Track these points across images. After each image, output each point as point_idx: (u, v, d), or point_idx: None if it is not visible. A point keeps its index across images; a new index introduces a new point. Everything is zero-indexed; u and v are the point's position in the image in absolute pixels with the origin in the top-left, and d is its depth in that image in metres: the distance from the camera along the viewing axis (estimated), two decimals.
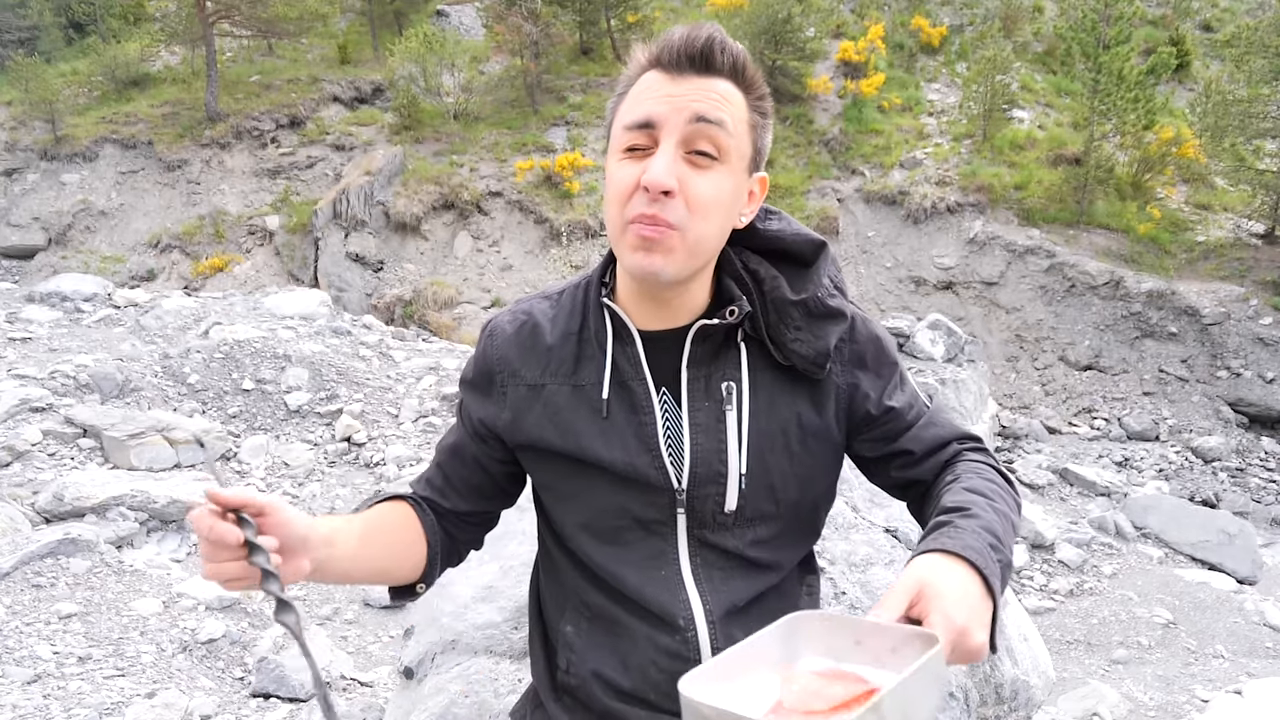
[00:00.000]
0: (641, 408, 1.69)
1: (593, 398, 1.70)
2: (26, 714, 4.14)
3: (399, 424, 10.77)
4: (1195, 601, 9.04)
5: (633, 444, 1.68)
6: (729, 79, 1.55)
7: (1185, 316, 20.39)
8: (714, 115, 1.50)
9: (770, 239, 1.76)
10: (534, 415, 1.75)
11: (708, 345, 1.70)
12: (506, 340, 1.80)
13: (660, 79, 1.54)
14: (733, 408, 1.68)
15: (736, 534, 1.72)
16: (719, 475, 1.67)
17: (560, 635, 1.85)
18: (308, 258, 23.82)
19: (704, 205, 1.52)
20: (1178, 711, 6.42)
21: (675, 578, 1.70)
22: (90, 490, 8.06)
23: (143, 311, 14.06)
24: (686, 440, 1.68)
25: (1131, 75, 22.73)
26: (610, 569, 1.74)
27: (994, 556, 1.40)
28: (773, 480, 1.71)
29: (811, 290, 1.71)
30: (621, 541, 1.73)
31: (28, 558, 5.89)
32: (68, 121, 26.55)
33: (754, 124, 1.60)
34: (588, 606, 1.79)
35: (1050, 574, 9.50)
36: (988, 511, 1.51)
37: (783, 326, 1.70)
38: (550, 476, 1.80)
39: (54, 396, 9.92)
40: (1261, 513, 15.31)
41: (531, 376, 1.76)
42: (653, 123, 1.52)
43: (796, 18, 26.13)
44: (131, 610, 5.59)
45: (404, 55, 26.73)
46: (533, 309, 1.83)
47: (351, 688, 5.27)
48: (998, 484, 1.66)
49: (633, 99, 1.57)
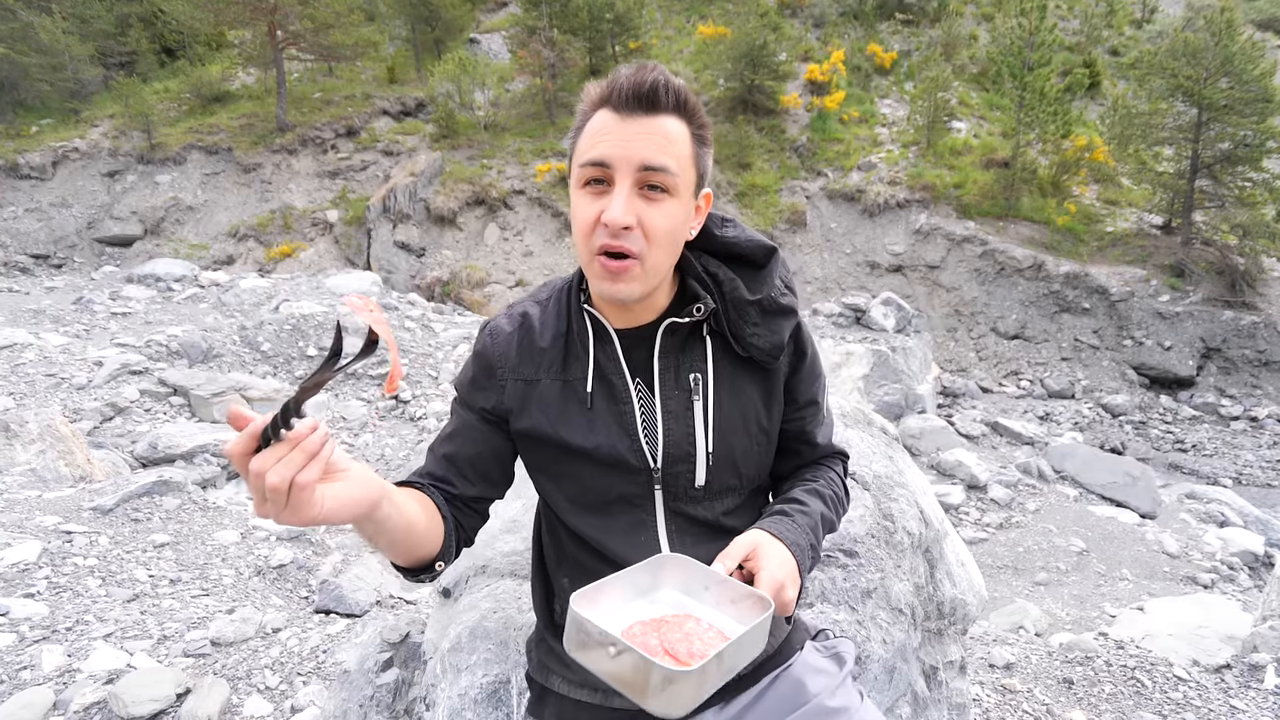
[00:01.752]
0: (620, 398, 1.68)
1: (579, 391, 1.70)
2: (126, 627, 4.12)
3: (438, 384, 10.75)
4: (1105, 533, 9.03)
5: (614, 430, 1.68)
6: (673, 114, 1.52)
7: (1096, 294, 20.40)
8: (658, 161, 1.48)
9: (727, 244, 1.75)
10: (530, 407, 1.73)
11: (675, 339, 1.69)
12: (506, 339, 1.77)
13: (611, 118, 1.52)
14: (699, 397, 1.69)
15: (707, 505, 1.73)
16: (689, 455, 1.69)
17: (557, 583, 1.85)
18: (362, 245, 23.77)
19: (659, 235, 1.52)
20: (1090, 625, 6.40)
21: (653, 543, 1.71)
22: (179, 440, 8.05)
23: (223, 290, 14.02)
24: (660, 425, 1.69)
25: (1051, 93, 22.80)
26: (596, 536, 1.73)
27: (808, 551, 1.63)
28: (735, 458, 1.73)
29: (766, 290, 1.70)
30: (606, 513, 1.73)
31: (128, 496, 5.87)
32: (161, 131, 26.45)
33: (696, 154, 1.57)
34: (579, 564, 1.78)
35: (983, 510, 9.48)
36: (816, 514, 1.73)
37: (742, 323, 1.69)
38: (543, 459, 1.77)
39: (149, 361, 9.90)
40: (1160, 459, 15.35)
41: (528, 373, 1.74)
42: (606, 163, 1.49)
43: (771, 44, 25.98)
44: (214, 540, 5.57)
45: (442, 76, 26.61)
46: (527, 313, 1.80)
47: (399, 605, 5.24)
48: (838, 495, 1.86)
49: (588, 136, 1.54)
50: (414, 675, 2.97)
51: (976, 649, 4.39)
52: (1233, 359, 18.92)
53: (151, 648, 3.97)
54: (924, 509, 3.00)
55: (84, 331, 11.33)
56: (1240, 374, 18.79)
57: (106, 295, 13.67)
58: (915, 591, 2.84)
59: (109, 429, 8.48)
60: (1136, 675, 4.21)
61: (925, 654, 2.90)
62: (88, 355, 9.90)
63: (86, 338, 10.97)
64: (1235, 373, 18.84)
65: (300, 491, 1.16)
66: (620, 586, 1.48)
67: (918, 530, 2.91)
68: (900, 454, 3.31)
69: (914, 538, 2.89)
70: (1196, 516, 10.12)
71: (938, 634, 3.02)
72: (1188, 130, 21.66)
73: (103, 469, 7.05)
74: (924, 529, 2.95)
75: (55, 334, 10.88)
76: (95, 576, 4.66)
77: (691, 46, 30.56)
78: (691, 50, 30.24)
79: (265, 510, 1.17)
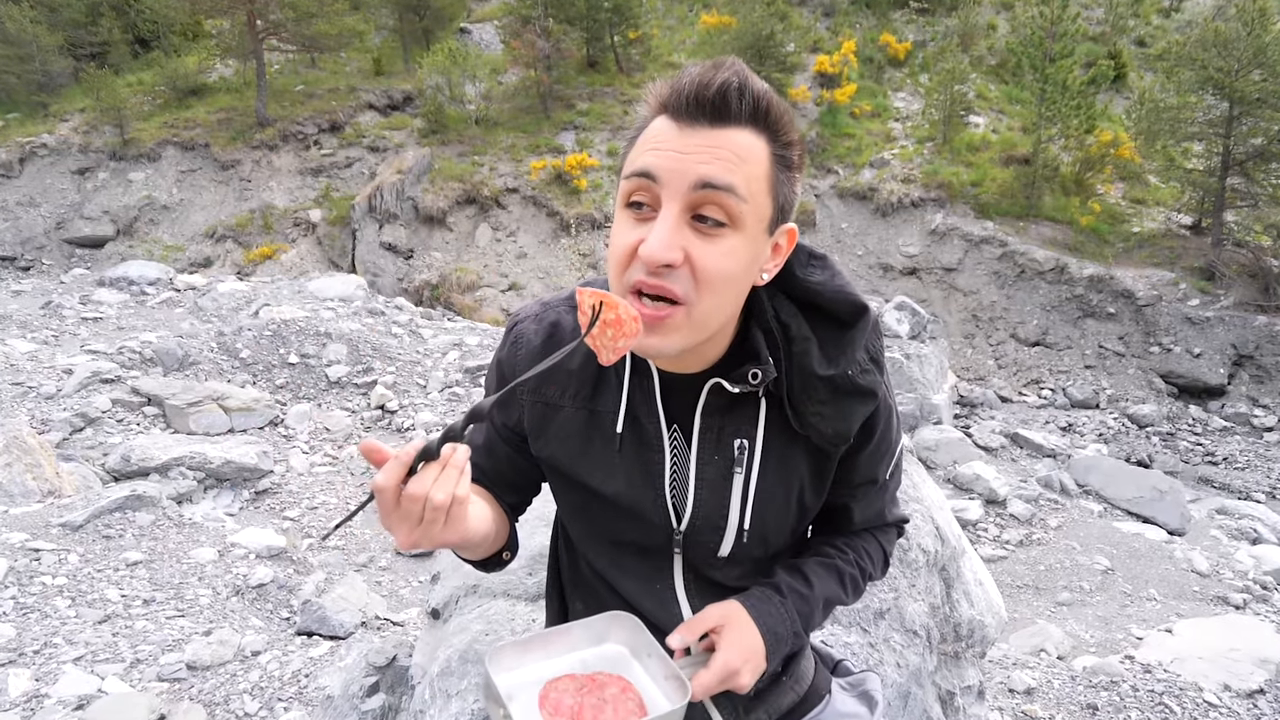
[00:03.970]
0: (651, 444, 1.52)
1: (606, 426, 1.53)
2: (98, 650, 4.13)
3: (427, 394, 10.75)
4: (1131, 550, 9.03)
5: (638, 479, 1.53)
6: (749, 126, 1.26)
7: (1122, 299, 20.39)
8: (722, 180, 1.22)
9: (809, 290, 1.46)
10: (548, 433, 1.59)
11: (724, 397, 1.47)
12: (532, 353, 1.57)
13: (668, 127, 1.27)
14: (741, 469, 1.50)
15: (723, 572, 1.62)
16: (718, 528, 1.54)
17: (573, 607, 1.80)
18: (346, 247, 23.77)
19: (712, 279, 1.26)
20: (1115, 647, 6.40)
21: (670, 595, 1.63)
22: (154, 452, 8.05)
23: (200, 294, 14.04)
24: (691, 490, 1.52)
25: (1074, 85, 22.77)
26: (612, 575, 1.68)
27: (786, 640, 1.54)
28: (768, 534, 1.58)
29: (844, 365, 1.44)
30: (622, 557, 1.65)
31: (99, 511, 5.88)
32: (134, 126, 26.44)
33: (776, 179, 1.30)
34: (594, 593, 1.72)
35: (1003, 526, 9.48)
36: (817, 600, 1.60)
37: (806, 398, 1.45)
38: (558, 489, 1.68)
39: (122, 369, 9.91)
40: (1189, 472, 15.31)
41: (552, 396, 1.57)
42: (653, 175, 1.25)
43: (778, 34, 26.07)
44: (190, 558, 5.58)
45: (431, 68, 26.64)
46: (560, 321, 1.59)
47: (385, 627, 5.25)
48: (865, 571, 1.71)
49: (640, 145, 1.30)
50: (401, 701, 2.98)
51: (995, 673, 4.39)
52: (1266, 367, 18.89)
53: (124, 672, 3.97)
54: (940, 525, 3.01)
55: (53, 338, 11.34)
56: (1274, 383, 18.75)
57: (76, 299, 13.67)
58: (931, 612, 2.85)
59: (79, 440, 8.49)
60: (1165, 701, 4.22)
61: (941, 678, 2.90)
62: (56, 363, 9.91)
63: (55, 344, 10.98)
64: (1269, 381, 18.80)
65: (459, 507, 1.20)
66: (567, 634, 1.48)
67: (933, 548, 2.91)
68: (915, 467, 3.31)
69: (929, 555, 2.89)
70: (1228, 533, 10.11)
71: (955, 657, 3.03)
72: (1218, 125, 21.68)
73: (72, 483, 7.06)
74: (940, 546, 2.96)
75: (22, 340, 10.89)
76: (64, 596, 4.66)
77: (694, 37, 30.62)
78: (694, 41, 30.31)
79: (417, 535, 1.19)
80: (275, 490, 8.36)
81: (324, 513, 7.95)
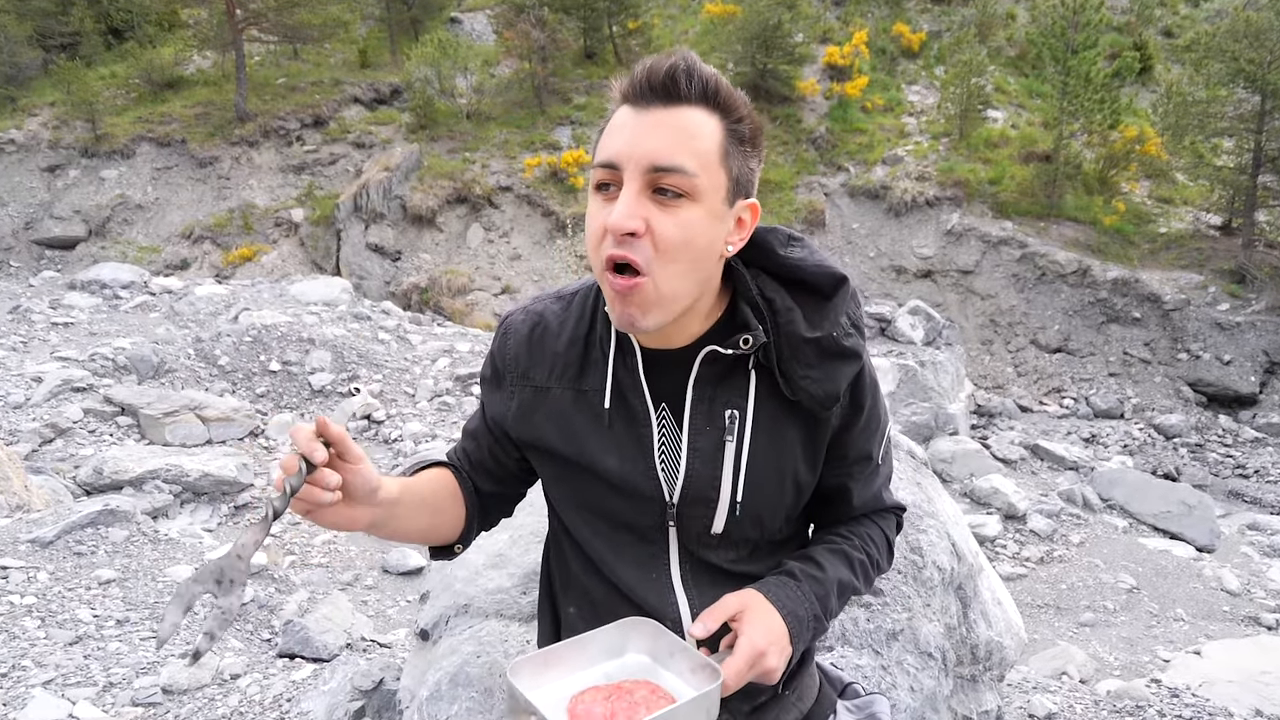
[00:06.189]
0: (639, 420, 1.64)
1: (595, 404, 1.66)
2: (68, 673, 4.13)
3: (415, 403, 10.76)
4: (1157, 568, 9.04)
5: (629, 451, 1.64)
6: (700, 105, 1.44)
7: (1148, 303, 20.40)
8: (668, 161, 1.40)
9: (790, 267, 1.63)
10: (539, 416, 1.72)
11: (715, 368, 1.61)
12: (519, 341, 1.75)
13: (627, 113, 1.46)
14: (733, 439, 1.62)
15: (719, 553, 1.70)
16: (709, 500, 1.64)
17: (564, 614, 1.86)
18: (330, 248, 23.78)
19: (670, 246, 1.43)
20: (1141, 670, 6.41)
21: (666, 581, 1.70)
22: (128, 464, 8.06)
23: (176, 298, 14.06)
24: (683, 461, 1.63)
25: (1098, 78, 22.76)
26: (608, 564, 1.73)
27: (808, 622, 1.61)
28: (761, 512, 1.67)
29: (827, 328, 1.59)
30: (617, 542, 1.72)
31: (70, 527, 5.88)
32: (107, 121, 26.44)
33: (729, 153, 1.47)
34: (588, 594, 1.78)
35: (1022, 543, 9.49)
36: (831, 582, 1.69)
37: (794, 362, 1.59)
38: (552, 474, 1.78)
39: (94, 377, 9.92)
40: (1219, 485, 15.32)
41: (539, 379, 1.72)
42: (615, 162, 1.43)
43: (786, 24, 26.05)
44: (166, 576, 5.58)
45: (420, 59, 26.67)
46: (545, 311, 1.77)
47: (371, 648, 5.25)
48: (872, 558, 1.81)
49: (605, 136, 1.49)
50: None
51: (1015, 697, 4.40)
52: None
53: (96, 696, 3.97)
54: (956, 541, 3.01)
55: (21, 344, 11.35)
56: None
57: (46, 303, 13.69)
58: (946, 633, 2.85)
59: (49, 452, 8.49)
60: None
61: (958, 703, 2.91)
62: (25, 370, 9.93)
63: (24, 351, 10.99)
64: None
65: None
66: (587, 647, 1.53)
67: (949, 565, 2.92)
68: (930, 480, 3.32)
69: (945, 573, 2.90)
70: (1260, 550, 10.12)
71: (971, 680, 3.03)
72: (1250, 120, 21.71)
73: (42, 497, 7.06)
74: (956, 564, 2.96)
75: None
76: (33, 616, 4.66)
77: (697, 27, 30.66)
78: (698, 31, 30.34)
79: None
80: (255, 505, 8.36)
81: (306, 528, 7.96)
